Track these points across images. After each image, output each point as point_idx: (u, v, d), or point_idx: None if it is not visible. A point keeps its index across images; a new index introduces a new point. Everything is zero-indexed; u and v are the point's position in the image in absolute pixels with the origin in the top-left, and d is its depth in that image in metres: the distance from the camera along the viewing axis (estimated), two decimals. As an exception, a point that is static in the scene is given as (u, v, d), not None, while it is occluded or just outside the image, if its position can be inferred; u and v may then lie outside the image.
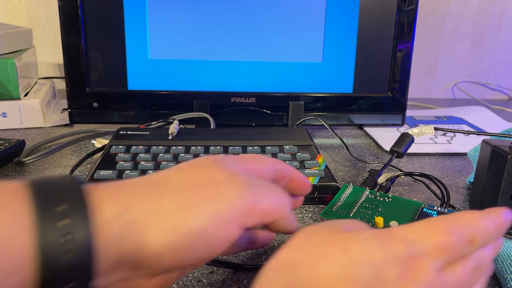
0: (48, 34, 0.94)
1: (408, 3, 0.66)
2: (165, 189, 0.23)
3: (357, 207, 0.40)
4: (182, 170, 0.25)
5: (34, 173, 0.52)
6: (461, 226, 0.23)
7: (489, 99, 1.03)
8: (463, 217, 0.24)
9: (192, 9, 0.64)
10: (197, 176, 0.25)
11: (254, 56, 0.67)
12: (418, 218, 0.36)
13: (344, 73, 0.69)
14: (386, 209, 0.39)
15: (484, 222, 0.24)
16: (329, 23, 0.66)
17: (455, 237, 0.23)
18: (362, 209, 0.39)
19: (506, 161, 0.37)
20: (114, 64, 0.65)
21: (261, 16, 0.65)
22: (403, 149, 0.49)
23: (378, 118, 0.71)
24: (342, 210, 0.39)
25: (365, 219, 0.38)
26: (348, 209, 0.40)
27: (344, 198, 0.41)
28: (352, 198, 0.41)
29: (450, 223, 0.24)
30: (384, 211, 0.39)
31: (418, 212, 0.38)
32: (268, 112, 0.69)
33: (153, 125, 0.65)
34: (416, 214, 0.38)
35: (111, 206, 0.21)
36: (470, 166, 0.58)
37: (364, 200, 0.41)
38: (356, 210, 0.39)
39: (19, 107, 0.69)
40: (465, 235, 0.23)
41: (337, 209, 0.39)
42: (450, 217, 0.24)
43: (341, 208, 0.40)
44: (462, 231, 0.23)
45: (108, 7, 0.63)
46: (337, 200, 0.41)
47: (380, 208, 0.39)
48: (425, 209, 0.38)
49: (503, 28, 1.00)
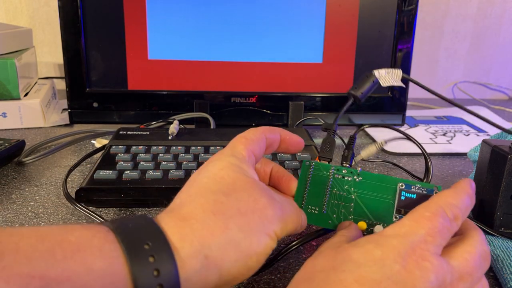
0: (48, 34, 0.94)
1: (408, 3, 0.66)
2: (224, 218, 0.25)
3: (327, 198, 0.34)
4: (228, 195, 0.27)
5: (34, 173, 0.52)
6: (443, 208, 0.26)
7: (489, 99, 1.03)
8: (441, 199, 0.27)
9: (192, 9, 0.64)
10: (244, 200, 0.27)
11: (254, 56, 0.67)
12: (399, 206, 0.33)
13: (344, 73, 0.69)
14: (361, 197, 0.34)
15: (460, 198, 0.27)
16: (329, 23, 0.66)
17: (441, 219, 0.25)
18: (333, 200, 0.34)
19: (506, 161, 0.37)
20: (114, 64, 0.65)
21: (261, 16, 0.65)
22: (363, 93, 0.39)
23: (378, 118, 0.71)
24: (312, 206, 0.34)
25: (341, 214, 0.34)
26: (318, 201, 0.34)
27: (309, 186, 0.35)
28: (318, 183, 0.35)
29: (432, 208, 0.26)
30: (358, 199, 0.34)
31: (397, 198, 0.33)
32: (268, 112, 0.69)
33: (153, 125, 0.65)
34: (394, 198, 0.33)
35: (190, 244, 0.24)
36: (470, 166, 0.58)
37: (332, 185, 0.35)
38: (327, 202, 0.34)
39: (19, 107, 0.69)
40: (449, 215, 0.26)
41: (306, 204, 0.34)
42: (430, 203, 0.27)
43: (309, 202, 0.34)
44: (445, 212, 0.26)
45: (108, 7, 0.63)
46: (303, 189, 0.35)
47: (353, 195, 0.34)
48: (403, 194, 0.33)
49: (503, 28, 1.00)
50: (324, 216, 0.34)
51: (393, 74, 0.40)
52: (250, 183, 0.28)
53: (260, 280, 0.34)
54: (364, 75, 0.40)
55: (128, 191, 0.43)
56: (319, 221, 0.34)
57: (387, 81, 0.40)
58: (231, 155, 0.29)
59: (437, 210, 0.26)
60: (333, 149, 0.37)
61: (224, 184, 0.27)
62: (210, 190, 0.27)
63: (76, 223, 0.25)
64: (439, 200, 0.27)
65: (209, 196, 0.26)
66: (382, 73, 0.40)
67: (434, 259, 0.24)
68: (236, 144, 0.30)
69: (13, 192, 0.47)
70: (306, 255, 0.37)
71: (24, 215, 0.42)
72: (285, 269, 0.35)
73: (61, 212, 0.43)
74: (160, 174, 0.45)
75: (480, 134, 0.72)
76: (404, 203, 0.33)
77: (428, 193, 0.33)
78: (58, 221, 0.41)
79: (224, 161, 0.29)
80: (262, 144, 0.32)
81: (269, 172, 0.36)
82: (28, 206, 0.44)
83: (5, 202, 0.45)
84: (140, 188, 0.43)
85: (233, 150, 0.30)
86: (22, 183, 0.49)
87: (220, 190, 0.27)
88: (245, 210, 0.26)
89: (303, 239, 0.35)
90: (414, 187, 0.33)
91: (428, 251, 0.24)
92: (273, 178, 0.36)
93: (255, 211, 0.26)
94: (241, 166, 0.29)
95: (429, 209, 0.26)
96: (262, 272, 0.34)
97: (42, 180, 0.50)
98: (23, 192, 0.47)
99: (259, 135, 0.32)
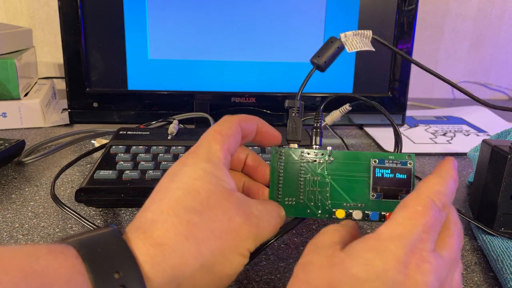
0: (48, 34, 0.94)
1: (408, 3, 0.66)
2: (197, 243, 0.24)
3: (302, 187, 0.33)
4: (202, 214, 0.25)
5: (34, 173, 0.52)
6: (432, 198, 0.25)
7: (489, 99, 1.03)
8: (428, 189, 0.26)
9: (192, 9, 0.64)
10: (218, 220, 0.26)
11: (254, 56, 0.67)
12: (375, 183, 0.32)
13: (344, 73, 0.69)
14: (335, 180, 0.33)
15: (446, 184, 0.27)
16: (329, 23, 0.66)
17: (433, 211, 0.25)
18: (308, 187, 0.33)
19: (506, 161, 0.37)
20: (114, 64, 0.65)
21: (261, 16, 0.65)
22: (326, 62, 0.36)
23: (378, 118, 0.71)
24: (289, 198, 0.33)
25: (318, 201, 0.33)
26: (293, 191, 0.33)
27: (282, 176, 0.33)
28: (290, 171, 0.33)
29: (423, 201, 0.25)
30: (333, 182, 0.33)
31: (371, 175, 0.32)
32: (268, 112, 0.69)
33: (153, 125, 0.65)
34: (369, 175, 0.32)
35: (162, 273, 0.23)
36: (470, 166, 0.58)
37: (305, 171, 0.33)
38: (302, 191, 0.33)
39: (19, 107, 0.69)
40: (438, 205, 0.25)
41: (282, 197, 0.33)
42: (419, 195, 0.26)
43: (285, 194, 0.33)
44: (435, 203, 0.25)
45: (108, 7, 0.63)
46: (277, 180, 0.33)
47: (327, 178, 0.33)
48: (378, 171, 0.32)
49: (503, 28, 1.00)
50: (301, 205, 0.33)
51: (362, 36, 0.35)
52: (225, 196, 0.26)
53: (260, 280, 0.34)
54: (328, 40, 0.35)
55: (128, 191, 0.43)
56: (298, 212, 0.33)
57: (354, 45, 0.35)
58: (206, 159, 0.27)
59: (428, 203, 0.25)
60: (299, 129, 0.34)
61: (198, 200, 0.25)
62: (183, 207, 0.25)
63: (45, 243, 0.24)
64: (426, 190, 0.26)
65: (183, 216, 0.25)
66: (350, 36, 0.35)
67: (432, 259, 0.24)
68: (211, 143, 0.28)
69: (13, 192, 0.47)
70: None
71: (24, 215, 0.42)
72: (285, 269, 0.35)
73: (61, 212, 0.43)
74: (160, 174, 0.45)
75: (480, 134, 0.72)
76: (380, 180, 0.32)
77: (402, 165, 0.31)
78: (58, 221, 0.41)
79: (199, 169, 0.27)
80: (238, 137, 0.30)
81: (244, 159, 0.34)
82: (28, 206, 0.44)
83: (5, 202, 0.45)
84: (140, 188, 0.43)
85: (209, 152, 0.28)
86: (22, 183, 0.49)
87: (194, 208, 0.25)
88: (219, 232, 0.25)
89: (282, 231, 0.33)
90: (387, 162, 0.32)
91: (426, 250, 0.24)
92: (247, 167, 0.34)
93: (229, 232, 0.25)
94: (217, 174, 0.27)
95: (419, 202, 0.25)
96: (262, 272, 0.34)
97: (42, 180, 0.50)
98: (23, 192, 0.47)
99: (235, 128, 0.30)
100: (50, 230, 0.40)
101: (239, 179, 0.34)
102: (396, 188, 0.31)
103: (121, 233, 0.24)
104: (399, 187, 0.31)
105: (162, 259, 0.23)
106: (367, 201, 0.32)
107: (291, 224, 0.34)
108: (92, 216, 0.42)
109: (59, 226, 0.40)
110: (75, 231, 0.40)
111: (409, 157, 0.32)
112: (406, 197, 0.26)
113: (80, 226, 0.41)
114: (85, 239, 0.23)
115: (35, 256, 0.21)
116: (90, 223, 0.39)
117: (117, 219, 0.42)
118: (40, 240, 0.38)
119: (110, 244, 0.23)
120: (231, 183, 0.28)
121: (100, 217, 0.42)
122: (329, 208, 0.32)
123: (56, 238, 0.38)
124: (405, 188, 0.31)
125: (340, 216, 0.32)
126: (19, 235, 0.39)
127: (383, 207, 0.31)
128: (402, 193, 0.31)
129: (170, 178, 0.27)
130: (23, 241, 0.38)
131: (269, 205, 0.30)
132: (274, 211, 0.30)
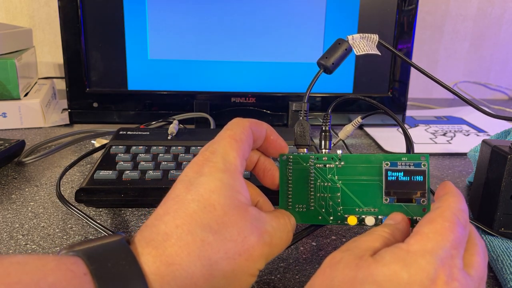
0: (48, 34, 0.94)
1: (408, 3, 0.66)
2: (210, 265, 0.24)
3: (313, 193, 0.32)
4: (217, 232, 0.25)
5: (34, 173, 0.52)
6: (456, 215, 0.26)
7: (489, 99, 1.03)
8: (449, 205, 0.26)
9: (192, 9, 0.64)
10: (233, 240, 0.25)
11: (254, 56, 0.67)
12: (388, 188, 0.31)
13: (344, 73, 0.69)
14: (346, 184, 0.32)
15: (463, 202, 0.27)
16: (329, 23, 0.66)
17: (459, 228, 0.25)
18: (319, 193, 0.32)
19: (506, 161, 0.37)
20: (114, 64, 0.65)
21: (261, 16, 0.65)
22: (334, 63, 0.35)
23: (378, 118, 0.71)
24: (299, 204, 0.32)
25: (329, 207, 0.32)
26: (304, 198, 0.32)
27: (291, 183, 0.33)
28: (300, 178, 0.33)
29: (449, 217, 0.25)
30: (344, 187, 0.32)
31: (384, 179, 0.31)
32: (268, 112, 0.69)
33: (153, 125, 0.65)
34: (381, 179, 0.31)
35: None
36: (470, 166, 0.58)
37: (315, 176, 0.32)
38: (313, 197, 0.32)
39: (19, 107, 0.69)
40: (462, 222, 0.26)
41: (292, 204, 0.33)
42: (445, 211, 0.26)
43: (295, 201, 0.33)
44: (459, 220, 0.25)
45: (108, 7, 0.63)
46: (286, 187, 0.33)
47: (338, 183, 0.32)
48: (390, 174, 0.31)
49: (503, 28, 1.00)
50: (312, 212, 0.32)
51: (368, 40, 0.35)
52: (241, 213, 0.26)
53: (260, 280, 0.34)
54: (335, 42, 0.34)
55: (128, 191, 0.43)
56: (309, 219, 0.32)
57: (362, 49, 0.35)
58: (223, 169, 0.26)
59: (454, 219, 0.25)
60: (308, 133, 0.34)
61: (214, 217, 0.25)
62: (199, 224, 0.24)
63: (53, 255, 0.24)
64: (449, 207, 0.26)
65: (197, 234, 0.24)
66: (357, 39, 0.35)
67: (461, 276, 0.23)
68: (228, 150, 0.27)
69: (13, 192, 0.47)
70: (306, 255, 0.37)
71: (24, 215, 0.42)
72: (285, 269, 0.35)
73: (61, 213, 0.43)
74: (160, 174, 0.45)
75: (480, 134, 0.72)
76: (393, 184, 0.30)
77: (416, 167, 0.30)
78: (58, 221, 0.41)
79: (216, 179, 0.26)
80: (250, 142, 0.30)
81: (255, 161, 0.33)
82: (28, 206, 0.44)
83: (5, 202, 0.45)
84: (140, 188, 0.43)
85: (225, 160, 0.27)
86: (22, 183, 0.49)
87: (209, 226, 0.25)
88: (232, 253, 0.25)
89: (296, 238, 0.33)
90: (400, 163, 0.30)
91: (456, 267, 0.24)
92: (258, 169, 0.33)
93: (243, 253, 0.25)
94: (234, 185, 0.26)
95: (446, 219, 0.25)
96: (262, 272, 0.34)
97: (42, 180, 0.50)
98: (23, 192, 0.47)
99: (248, 132, 0.30)
100: (50, 230, 0.40)
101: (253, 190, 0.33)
102: (410, 191, 0.30)
103: (129, 243, 0.24)
104: (413, 189, 0.30)
105: (172, 279, 0.23)
106: (380, 205, 0.31)
107: (307, 231, 0.34)
108: (92, 217, 0.42)
109: (59, 226, 0.40)
110: (75, 231, 0.40)
111: (423, 157, 0.30)
112: (429, 213, 0.26)
113: (80, 226, 0.41)
114: (93, 250, 0.23)
115: (42, 272, 0.20)
116: (96, 224, 0.39)
117: (117, 219, 0.42)
118: (40, 240, 0.38)
119: (120, 259, 0.23)
120: (246, 194, 0.27)
121: (100, 217, 0.42)
122: (341, 214, 0.32)
123: (56, 238, 0.38)
124: (420, 191, 0.30)
125: (352, 223, 0.31)
126: (19, 235, 0.39)
127: (396, 211, 0.30)
128: (417, 196, 0.30)
129: (185, 187, 0.26)
130: (23, 241, 0.38)
131: (282, 219, 0.29)
132: (287, 226, 0.29)
